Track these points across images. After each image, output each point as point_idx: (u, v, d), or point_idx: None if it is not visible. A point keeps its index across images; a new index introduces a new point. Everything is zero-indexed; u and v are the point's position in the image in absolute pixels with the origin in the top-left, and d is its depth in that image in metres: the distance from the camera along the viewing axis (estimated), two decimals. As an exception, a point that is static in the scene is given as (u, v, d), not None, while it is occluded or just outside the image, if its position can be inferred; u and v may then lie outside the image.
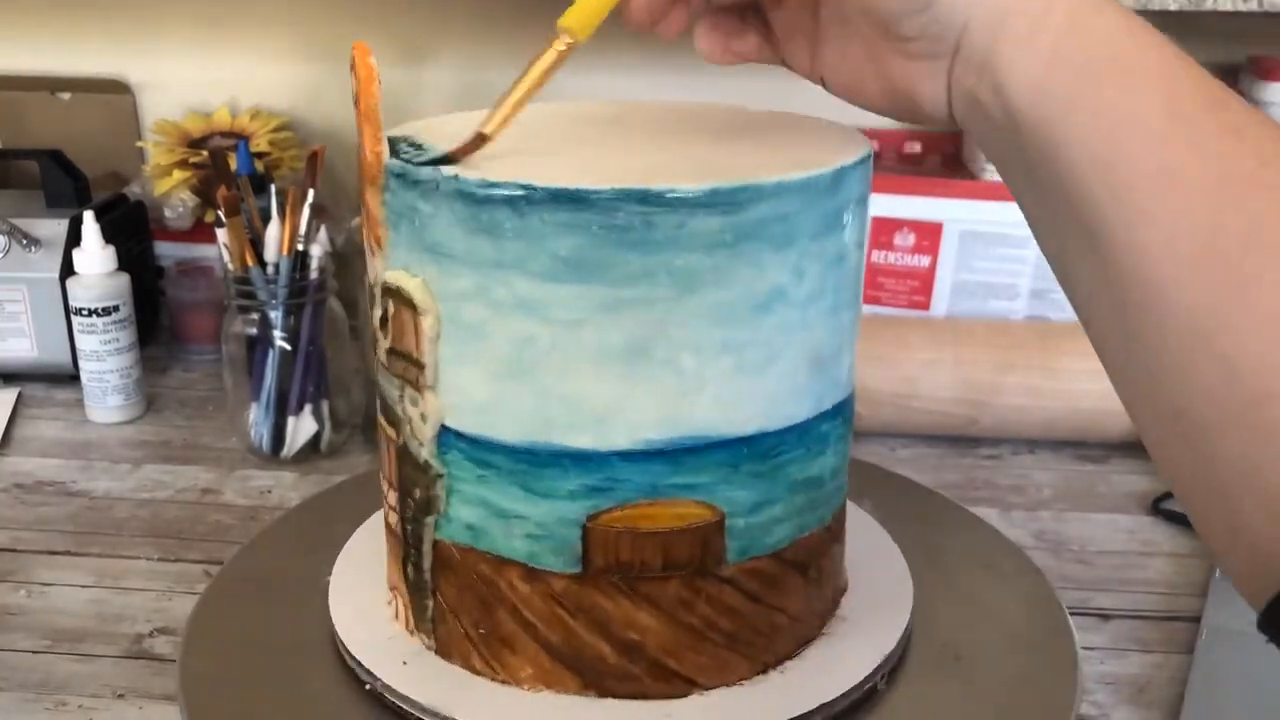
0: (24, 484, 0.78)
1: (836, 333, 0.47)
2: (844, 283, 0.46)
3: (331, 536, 0.59)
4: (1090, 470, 0.81)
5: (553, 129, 0.51)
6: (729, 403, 0.44)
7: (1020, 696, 0.50)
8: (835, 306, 0.46)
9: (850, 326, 0.48)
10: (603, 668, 0.46)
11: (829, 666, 0.49)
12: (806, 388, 0.46)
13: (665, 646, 0.46)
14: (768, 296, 0.43)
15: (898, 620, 0.51)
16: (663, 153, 0.47)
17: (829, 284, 0.45)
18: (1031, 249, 0.91)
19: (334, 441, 0.82)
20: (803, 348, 0.45)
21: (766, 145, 0.49)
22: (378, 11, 1.05)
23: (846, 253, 0.46)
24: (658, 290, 0.41)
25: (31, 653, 0.60)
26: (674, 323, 0.42)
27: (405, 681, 0.47)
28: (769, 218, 0.42)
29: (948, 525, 0.64)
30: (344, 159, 1.03)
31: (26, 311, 0.90)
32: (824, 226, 0.44)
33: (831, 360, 0.47)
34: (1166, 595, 0.66)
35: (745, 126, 0.52)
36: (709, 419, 0.44)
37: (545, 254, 0.41)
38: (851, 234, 0.46)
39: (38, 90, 1.07)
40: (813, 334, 0.45)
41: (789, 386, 0.45)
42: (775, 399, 0.45)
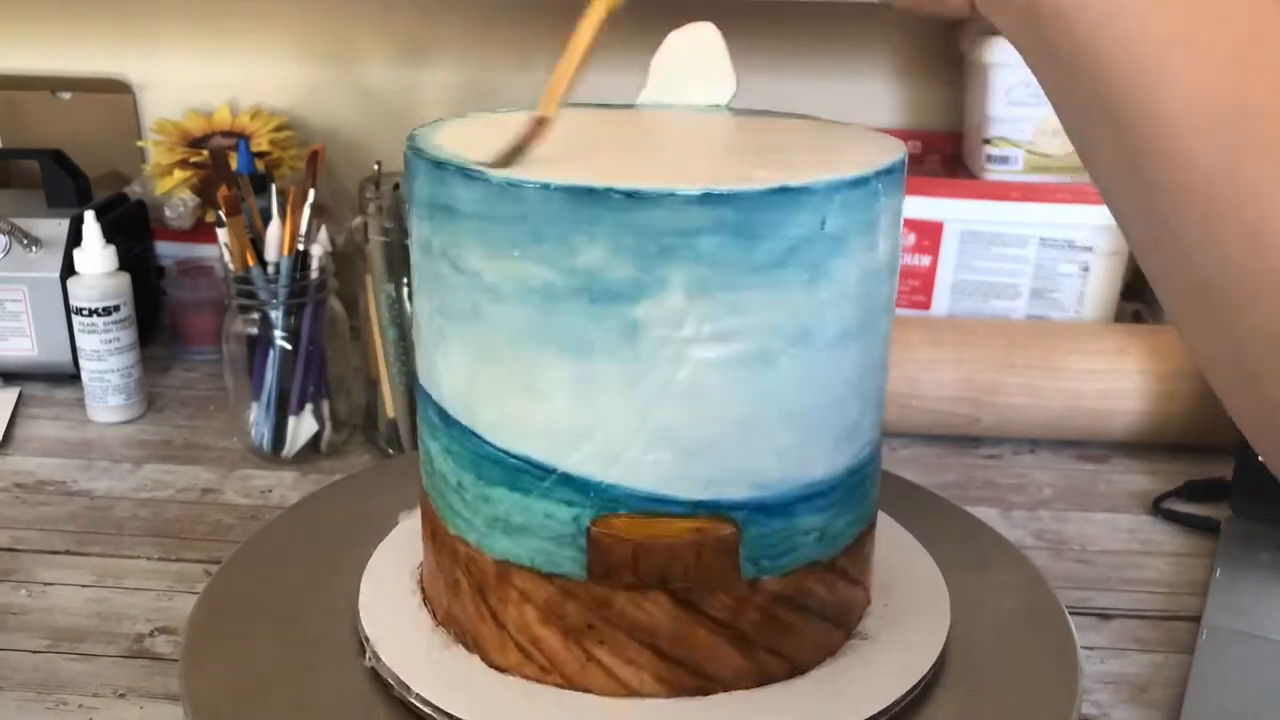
0: (25, 484, 0.78)
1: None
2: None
3: (331, 534, 0.59)
4: (1090, 470, 0.81)
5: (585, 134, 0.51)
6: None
7: (1021, 696, 0.50)
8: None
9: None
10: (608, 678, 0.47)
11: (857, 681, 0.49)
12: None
13: (704, 651, 0.48)
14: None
15: (934, 636, 0.51)
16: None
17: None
18: (1032, 249, 0.91)
19: (334, 441, 0.82)
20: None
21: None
22: (378, 11, 1.05)
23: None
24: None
25: (32, 652, 0.60)
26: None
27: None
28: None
29: (948, 525, 0.64)
30: (344, 159, 1.03)
31: (27, 311, 0.90)
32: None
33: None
34: (1166, 595, 0.66)
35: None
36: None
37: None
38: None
39: (38, 90, 1.07)
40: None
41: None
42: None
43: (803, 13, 1.01)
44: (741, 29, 1.03)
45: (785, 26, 1.02)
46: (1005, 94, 0.89)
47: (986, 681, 0.50)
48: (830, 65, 1.03)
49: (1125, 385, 0.80)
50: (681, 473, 0.43)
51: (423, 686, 0.47)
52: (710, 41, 0.49)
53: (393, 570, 0.55)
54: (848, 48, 1.03)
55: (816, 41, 1.02)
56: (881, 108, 1.04)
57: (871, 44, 1.03)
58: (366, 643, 0.50)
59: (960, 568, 0.58)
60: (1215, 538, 0.71)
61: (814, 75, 1.04)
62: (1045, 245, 0.91)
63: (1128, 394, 0.80)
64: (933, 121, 1.04)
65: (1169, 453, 0.82)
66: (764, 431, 0.44)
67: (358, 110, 1.07)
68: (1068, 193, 0.89)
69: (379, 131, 1.03)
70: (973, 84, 0.95)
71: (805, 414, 0.44)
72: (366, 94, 1.07)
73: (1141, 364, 0.80)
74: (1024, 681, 0.51)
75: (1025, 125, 0.90)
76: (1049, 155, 0.90)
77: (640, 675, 0.46)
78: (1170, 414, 0.80)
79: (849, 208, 0.43)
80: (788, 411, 0.44)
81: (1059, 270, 0.91)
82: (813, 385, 0.44)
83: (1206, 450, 0.80)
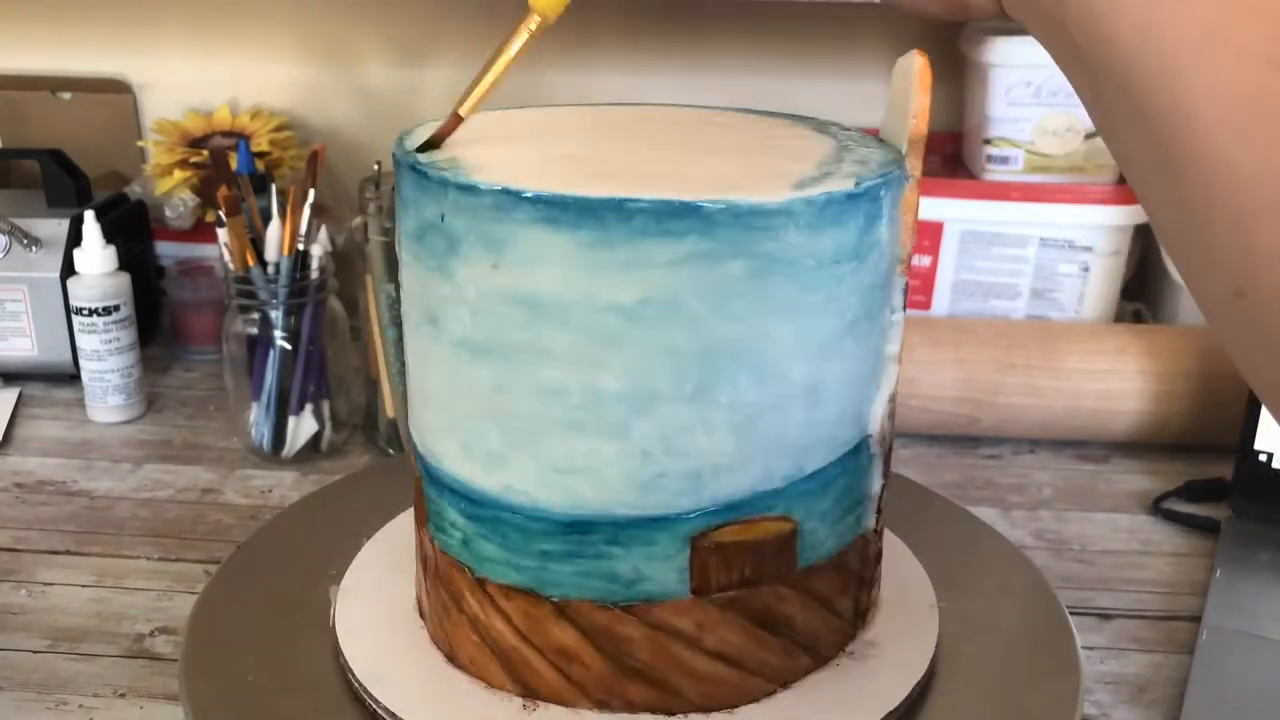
0: (25, 483, 0.78)
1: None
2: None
3: (331, 534, 0.59)
4: (1090, 470, 0.81)
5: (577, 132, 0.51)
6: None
7: (1021, 696, 0.50)
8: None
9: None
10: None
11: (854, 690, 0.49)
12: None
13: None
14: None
15: (924, 646, 0.51)
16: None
17: None
18: (1032, 249, 0.91)
19: (334, 441, 0.82)
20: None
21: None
22: (377, 12, 1.05)
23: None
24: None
25: (32, 652, 0.60)
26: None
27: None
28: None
29: (948, 525, 0.64)
30: (344, 159, 1.03)
31: (27, 311, 0.90)
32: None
33: None
34: (1166, 595, 0.66)
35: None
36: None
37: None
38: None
39: (38, 90, 1.07)
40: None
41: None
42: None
43: (803, 13, 1.01)
44: (742, 29, 1.03)
45: (785, 26, 1.02)
46: (1005, 94, 0.89)
47: (987, 681, 0.50)
48: (830, 65, 1.03)
49: (1125, 385, 0.80)
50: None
51: (395, 701, 0.47)
52: (910, 71, 0.50)
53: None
54: (847, 48, 1.03)
55: (816, 41, 1.02)
56: (881, 108, 1.04)
57: (871, 44, 1.03)
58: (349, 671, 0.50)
59: (960, 568, 0.58)
60: (1215, 538, 0.71)
61: (814, 75, 1.04)
62: (1045, 245, 0.91)
63: (1128, 394, 0.80)
64: (933, 121, 1.03)
65: (1169, 453, 0.82)
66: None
67: (358, 110, 1.07)
68: (1068, 193, 0.89)
69: (379, 131, 1.03)
70: (973, 84, 0.95)
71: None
72: (366, 94, 1.07)
73: (1141, 364, 0.80)
74: (1024, 681, 0.51)
75: (1025, 125, 0.90)
76: (1049, 155, 0.90)
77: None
78: (1170, 414, 0.80)
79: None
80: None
81: (1059, 270, 0.91)
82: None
83: (1206, 450, 0.80)
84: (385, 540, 0.59)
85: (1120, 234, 0.90)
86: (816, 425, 0.45)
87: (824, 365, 0.44)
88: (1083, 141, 0.90)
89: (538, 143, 0.49)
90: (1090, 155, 0.90)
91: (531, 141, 0.49)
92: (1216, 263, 0.34)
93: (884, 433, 0.49)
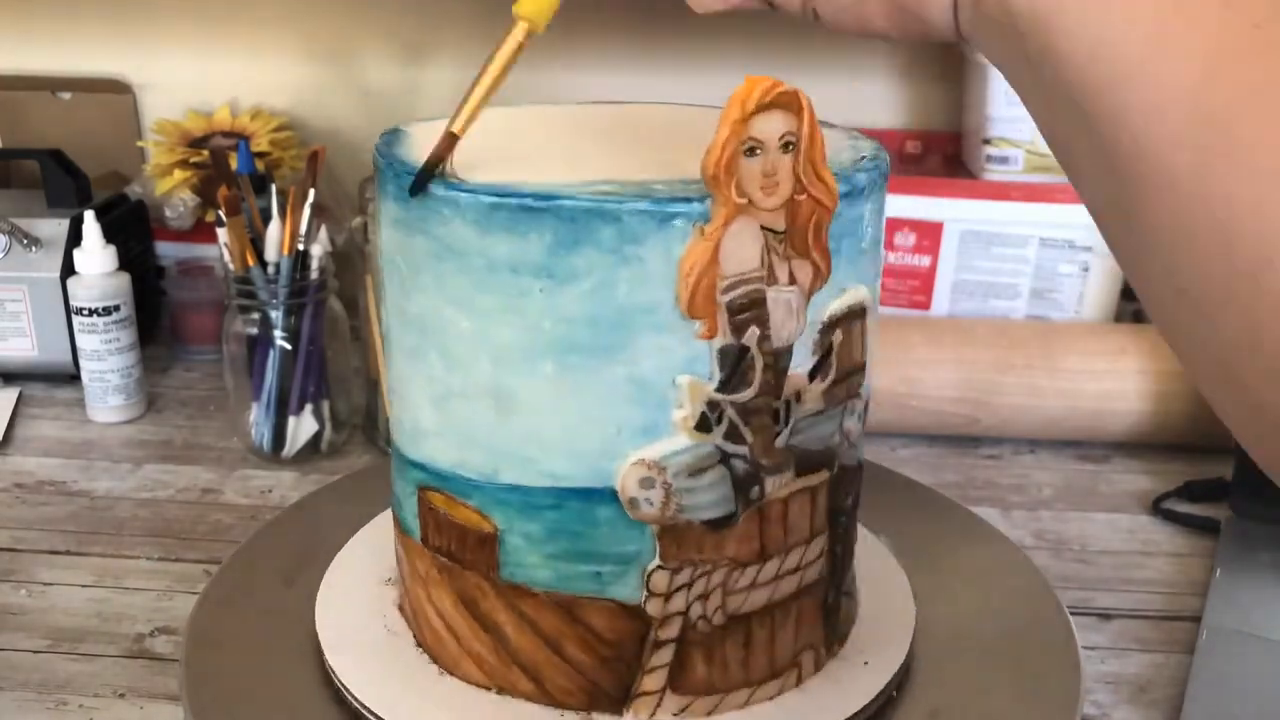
0: (25, 484, 0.78)
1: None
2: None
3: (331, 534, 0.59)
4: (1090, 470, 0.81)
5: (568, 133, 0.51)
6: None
7: (1021, 696, 0.50)
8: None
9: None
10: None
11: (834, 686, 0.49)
12: None
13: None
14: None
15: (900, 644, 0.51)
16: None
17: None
18: (1032, 249, 0.91)
19: (334, 441, 0.82)
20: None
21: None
22: (378, 11, 1.05)
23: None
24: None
25: (32, 653, 0.60)
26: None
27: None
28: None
29: (948, 525, 0.64)
30: (344, 159, 1.03)
31: (27, 311, 0.90)
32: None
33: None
34: (1166, 595, 0.66)
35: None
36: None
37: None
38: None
39: (38, 90, 1.07)
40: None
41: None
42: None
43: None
44: (742, 28, 1.03)
45: (785, 26, 1.02)
46: (1005, 94, 0.89)
47: (987, 681, 0.50)
48: (830, 65, 1.03)
49: (1125, 385, 0.80)
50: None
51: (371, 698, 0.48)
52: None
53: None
54: (848, 48, 1.03)
55: (816, 41, 1.02)
56: (881, 108, 1.04)
57: (871, 44, 1.02)
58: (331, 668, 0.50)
59: (960, 567, 0.58)
60: (1215, 538, 0.71)
61: (814, 75, 1.03)
62: (1045, 245, 0.91)
63: (1128, 394, 0.80)
64: (933, 121, 1.04)
65: (1169, 453, 0.82)
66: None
67: (358, 110, 1.07)
68: (1068, 193, 0.89)
69: (379, 131, 1.03)
70: (973, 84, 0.95)
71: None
72: (366, 94, 1.07)
73: (1141, 364, 0.80)
74: (1025, 682, 0.51)
75: (1025, 125, 0.90)
76: (1049, 155, 0.90)
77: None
78: (1170, 414, 0.80)
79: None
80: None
81: (1059, 270, 0.91)
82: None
83: (1206, 450, 0.80)
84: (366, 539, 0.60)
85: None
86: (511, 437, 0.44)
87: (513, 378, 0.43)
88: (1083, 141, 0.90)
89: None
90: (1090, 155, 0.90)
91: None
92: (1160, 264, 0.35)
93: (651, 508, 0.44)
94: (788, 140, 0.40)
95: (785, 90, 0.39)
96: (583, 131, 0.52)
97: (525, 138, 0.51)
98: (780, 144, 0.40)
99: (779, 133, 0.40)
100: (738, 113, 0.39)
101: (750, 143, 0.39)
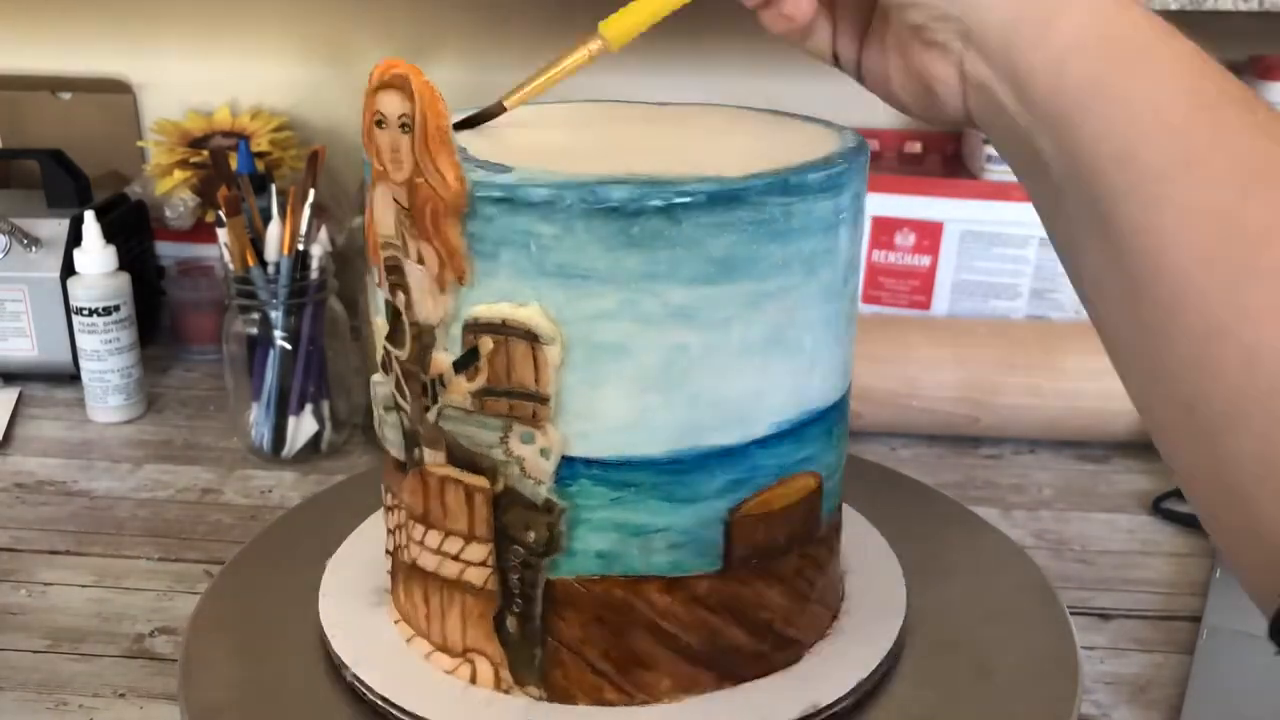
0: (25, 484, 0.78)
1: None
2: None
3: (332, 536, 0.59)
4: (1090, 470, 0.81)
5: (566, 128, 0.52)
6: (830, 373, 0.47)
7: (1021, 696, 0.50)
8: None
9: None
10: (738, 656, 0.47)
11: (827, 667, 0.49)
12: (852, 354, 0.49)
13: (787, 617, 0.48)
14: (847, 269, 0.46)
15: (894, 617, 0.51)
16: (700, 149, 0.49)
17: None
18: (1032, 249, 0.91)
19: (334, 441, 0.82)
20: (854, 317, 0.49)
21: (771, 141, 0.50)
22: (378, 11, 1.05)
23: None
24: (793, 278, 0.43)
25: (32, 653, 0.60)
26: (801, 306, 0.44)
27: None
28: (850, 199, 0.45)
29: (948, 525, 0.64)
30: (344, 159, 1.03)
31: (27, 311, 0.90)
32: (852, 212, 0.46)
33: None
34: (1166, 595, 0.66)
35: (738, 124, 0.54)
36: (820, 391, 0.46)
37: (700, 258, 0.41)
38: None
39: (38, 90, 1.07)
40: (855, 305, 0.49)
41: (849, 353, 0.49)
42: (847, 365, 0.49)
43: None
44: (742, 28, 1.03)
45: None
46: (1005, 94, 0.89)
47: (986, 681, 0.50)
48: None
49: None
50: (795, 440, 0.46)
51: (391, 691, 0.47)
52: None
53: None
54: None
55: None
56: (882, 108, 1.04)
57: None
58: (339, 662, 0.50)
59: (960, 567, 0.58)
60: (1215, 538, 0.71)
61: (815, 75, 1.03)
62: (1045, 245, 0.90)
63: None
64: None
65: (1169, 453, 0.82)
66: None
67: (358, 110, 1.06)
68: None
69: (379, 131, 1.03)
70: (973, 84, 0.95)
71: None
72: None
73: (1141, 364, 0.80)
74: (1024, 681, 0.51)
75: (1025, 125, 0.90)
76: (1049, 155, 0.90)
77: (761, 650, 0.48)
78: (1170, 414, 0.80)
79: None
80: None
81: (1059, 270, 0.90)
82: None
83: (1206, 450, 0.80)
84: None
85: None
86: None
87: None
88: (1083, 141, 0.90)
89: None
90: (1090, 155, 0.90)
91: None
92: (1169, 376, 0.35)
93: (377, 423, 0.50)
94: (404, 120, 0.42)
95: (399, 72, 0.42)
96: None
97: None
98: (398, 122, 0.42)
99: (397, 112, 0.42)
100: (369, 86, 0.43)
101: (377, 116, 0.43)
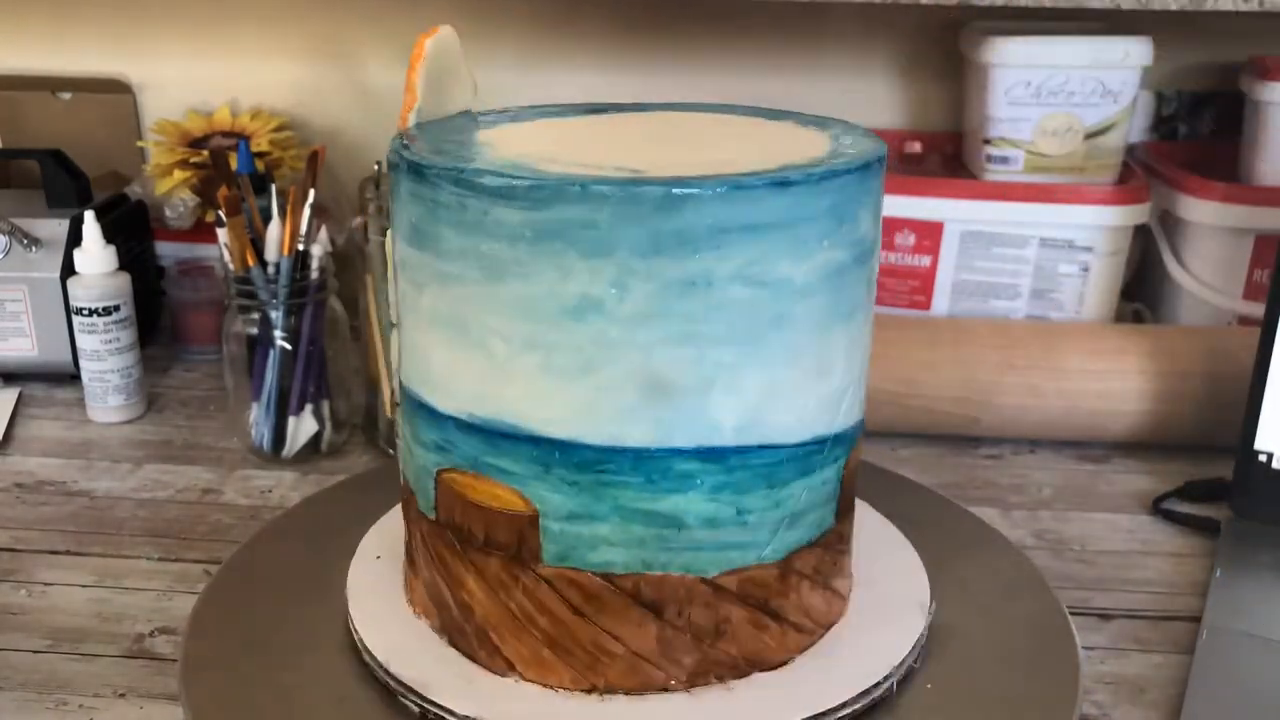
0: (25, 484, 0.78)
1: (702, 368, 0.43)
2: (731, 320, 0.43)
3: (332, 536, 0.59)
4: (1090, 470, 0.81)
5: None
6: (537, 399, 0.44)
7: (1021, 696, 0.50)
8: (696, 340, 0.43)
9: (759, 376, 0.44)
10: (446, 616, 0.50)
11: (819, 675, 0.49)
12: (641, 413, 0.43)
13: (490, 620, 0.48)
14: (578, 303, 0.42)
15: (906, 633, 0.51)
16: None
17: (676, 311, 0.42)
18: (1032, 249, 0.91)
19: (334, 441, 0.82)
20: (630, 368, 0.43)
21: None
22: (378, 11, 1.05)
23: (717, 287, 0.42)
24: (469, 271, 0.44)
25: (32, 653, 0.60)
26: (484, 306, 0.44)
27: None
28: (574, 222, 0.41)
29: (948, 525, 0.64)
30: (344, 159, 1.03)
31: (27, 311, 0.90)
32: (659, 247, 0.42)
33: (692, 395, 0.44)
34: (1166, 595, 0.66)
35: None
36: (519, 409, 0.45)
37: (405, 220, 0.47)
38: (728, 269, 0.42)
39: (38, 90, 1.07)
40: (648, 358, 0.43)
41: (613, 404, 0.43)
42: (593, 412, 0.43)
43: (803, 12, 1.01)
44: (742, 28, 1.03)
45: (785, 26, 1.02)
46: (1005, 94, 0.89)
47: (986, 681, 0.50)
48: (830, 65, 1.03)
49: (1125, 385, 0.80)
50: (485, 441, 0.47)
51: (436, 692, 0.47)
52: (452, 45, 0.53)
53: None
54: (848, 48, 1.03)
55: (816, 41, 1.02)
56: (881, 108, 1.04)
57: (871, 44, 1.03)
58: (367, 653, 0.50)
59: (960, 567, 0.58)
60: (1215, 538, 0.71)
61: (815, 75, 1.04)
62: (1045, 245, 0.91)
63: (1128, 394, 0.80)
64: (933, 121, 1.04)
65: (1169, 453, 0.82)
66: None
67: (358, 110, 1.07)
68: (1068, 193, 0.89)
69: (379, 131, 1.03)
70: (973, 84, 0.95)
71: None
72: (366, 94, 1.07)
73: (1141, 364, 0.80)
74: (1024, 681, 0.51)
75: (1025, 125, 0.90)
76: (1049, 155, 0.90)
77: (465, 630, 0.49)
78: (1170, 414, 0.80)
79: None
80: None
81: (1059, 270, 0.91)
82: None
83: (1206, 450, 0.80)
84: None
85: (1120, 234, 0.90)
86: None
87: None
88: (1083, 141, 0.90)
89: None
90: (1090, 155, 0.90)
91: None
92: None
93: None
94: None
95: None
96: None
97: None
98: None
99: None
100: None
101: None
